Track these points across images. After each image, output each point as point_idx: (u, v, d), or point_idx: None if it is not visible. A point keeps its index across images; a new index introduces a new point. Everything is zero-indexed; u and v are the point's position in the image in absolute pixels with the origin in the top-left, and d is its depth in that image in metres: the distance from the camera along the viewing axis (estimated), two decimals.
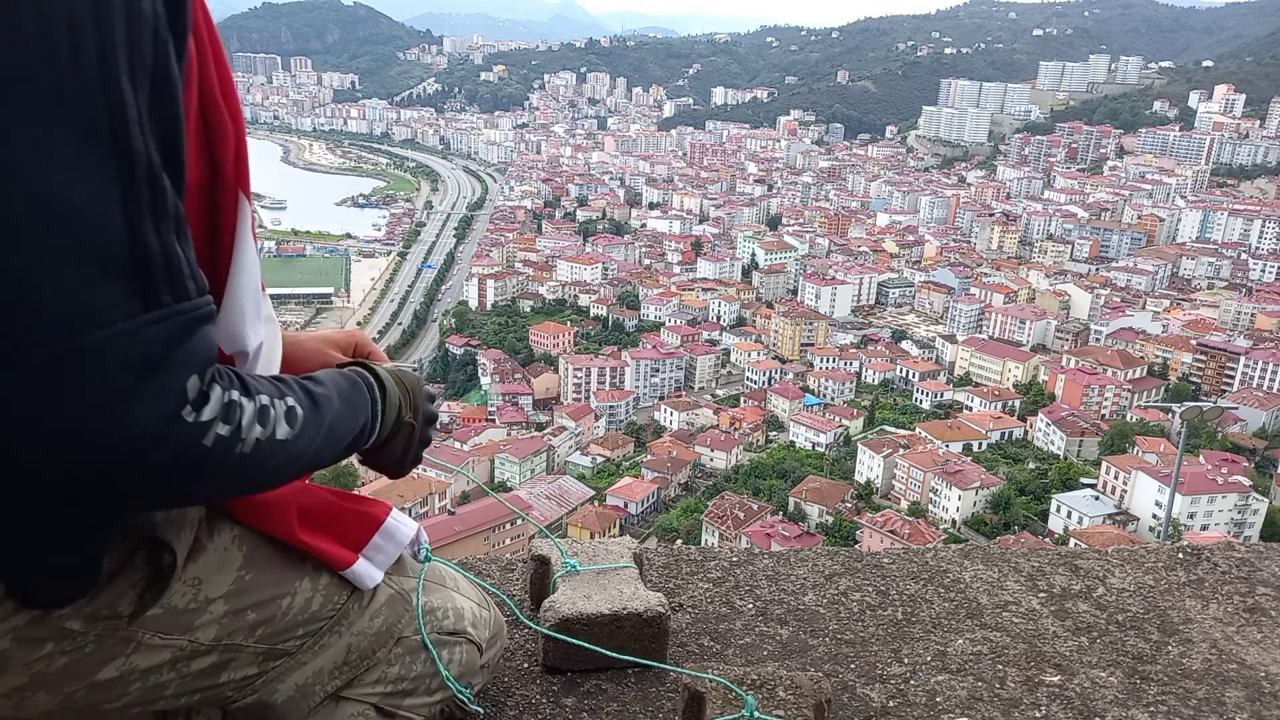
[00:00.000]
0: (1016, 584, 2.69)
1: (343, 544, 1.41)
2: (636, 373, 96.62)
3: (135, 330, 0.91)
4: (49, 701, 1.16)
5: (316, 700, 1.41)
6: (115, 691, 1.20)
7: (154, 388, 0.93)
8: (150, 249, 0.92)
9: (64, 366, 0.88)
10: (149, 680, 1.22)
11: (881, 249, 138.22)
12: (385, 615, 1.48)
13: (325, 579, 1.39)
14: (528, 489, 66.93)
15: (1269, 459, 73.53)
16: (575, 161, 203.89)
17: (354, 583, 1.41)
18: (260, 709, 1.37)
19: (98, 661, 1.17)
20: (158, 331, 0.93)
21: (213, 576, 1.25)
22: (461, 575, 1.74)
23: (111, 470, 0.93)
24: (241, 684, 1.32)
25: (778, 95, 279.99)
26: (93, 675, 1.17)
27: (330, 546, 1.39)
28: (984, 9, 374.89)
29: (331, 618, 1.39)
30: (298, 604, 1.34)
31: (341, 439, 1.22)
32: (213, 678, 1.28)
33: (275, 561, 1.34)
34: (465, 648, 1.61)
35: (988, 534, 57.80)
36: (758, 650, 2.29)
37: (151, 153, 0.92)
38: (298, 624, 1.35)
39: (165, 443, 0.95)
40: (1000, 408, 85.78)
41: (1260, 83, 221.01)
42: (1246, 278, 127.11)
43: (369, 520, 1.46)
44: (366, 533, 1.44)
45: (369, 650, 1.45)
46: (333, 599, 1.39)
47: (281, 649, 1.34)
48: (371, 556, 1.43)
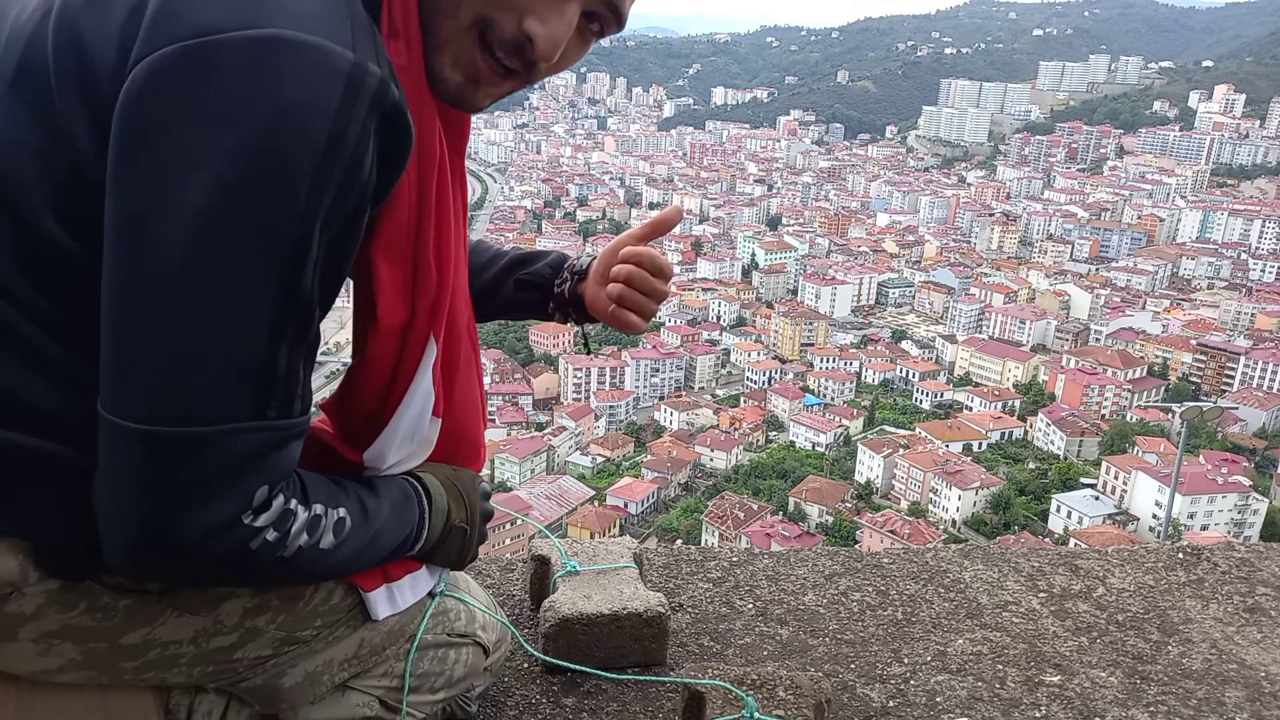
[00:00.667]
0: (1016, 584, 2.69)
1: (378, 569, 1.42)
2: (636, 373, 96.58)
3: (232, 435, 1.00)
4: (73, 651, 1.20)
5: (324, 688, 1.44)
6: (136, 654, 1.24)
7: (228, 489, 1.01)
8: (278, 369, 1.01)
9: (160, 449, 0.98)
10: (168, 650, 1.26)
11: (881, 249, 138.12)
12: (399, 614, 1.49)
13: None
14: (528, 489, 66.90)
15: (1269, 459, 73.52)
16: (575, 161, 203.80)
17: (368, 606, 1.42)
18: (268, 691, 1.39)
19: (125, 628, 1.21)
20: (252, 440, 1.02)
21: None
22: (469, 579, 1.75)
23: (154, 551, 1.02)
24: (254, 663, 1.35)
25: (778, 95, 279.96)
26: (119, 637, 1.21)
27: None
28: (984, 9, 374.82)
29: (349, 612, 1.42)
30: (320, 596, 1.37)
31: (384, 548, 1.30)
32: (228, 654, 1.31)
33: None
34: (472, 649, 1.62)
35: (988, 534, 57.82)
36: (758, 650, 2.29)
37: (314, 290, 1.02)
38: (317, 614, 1.37)
39: (218, 540, 1.02)
40: (1000, 408, 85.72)
41: (1260, 83, 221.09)
42: (1246, 278, 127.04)
43: (404, 563, 1.47)
44: (399, 571, 1.45)
45: (380, 646, 1.47)
46: (353, 595, 1.42)
47: (298, 636, 1.36)
48: (395, 592, 1.45)
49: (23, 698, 1.24)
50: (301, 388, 1.06)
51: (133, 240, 0.95)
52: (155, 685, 1.31)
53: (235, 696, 1.40)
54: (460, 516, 1.44)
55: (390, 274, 1.19)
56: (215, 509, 1.01)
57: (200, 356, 0.97)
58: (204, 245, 0.94)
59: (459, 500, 1.44)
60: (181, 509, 1.00)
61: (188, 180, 0.93)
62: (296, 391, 1.05)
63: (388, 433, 1.28)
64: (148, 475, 0.98)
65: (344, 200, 1.00)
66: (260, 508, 1.04)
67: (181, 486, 0.99)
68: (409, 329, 1.23)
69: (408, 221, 1.18)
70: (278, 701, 1.41)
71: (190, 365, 0.97)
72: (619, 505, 65.86)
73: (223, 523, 1.02)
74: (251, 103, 0.93)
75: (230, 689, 1.39)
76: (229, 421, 0.99)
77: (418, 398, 1.28)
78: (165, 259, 0.94)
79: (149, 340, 0.96)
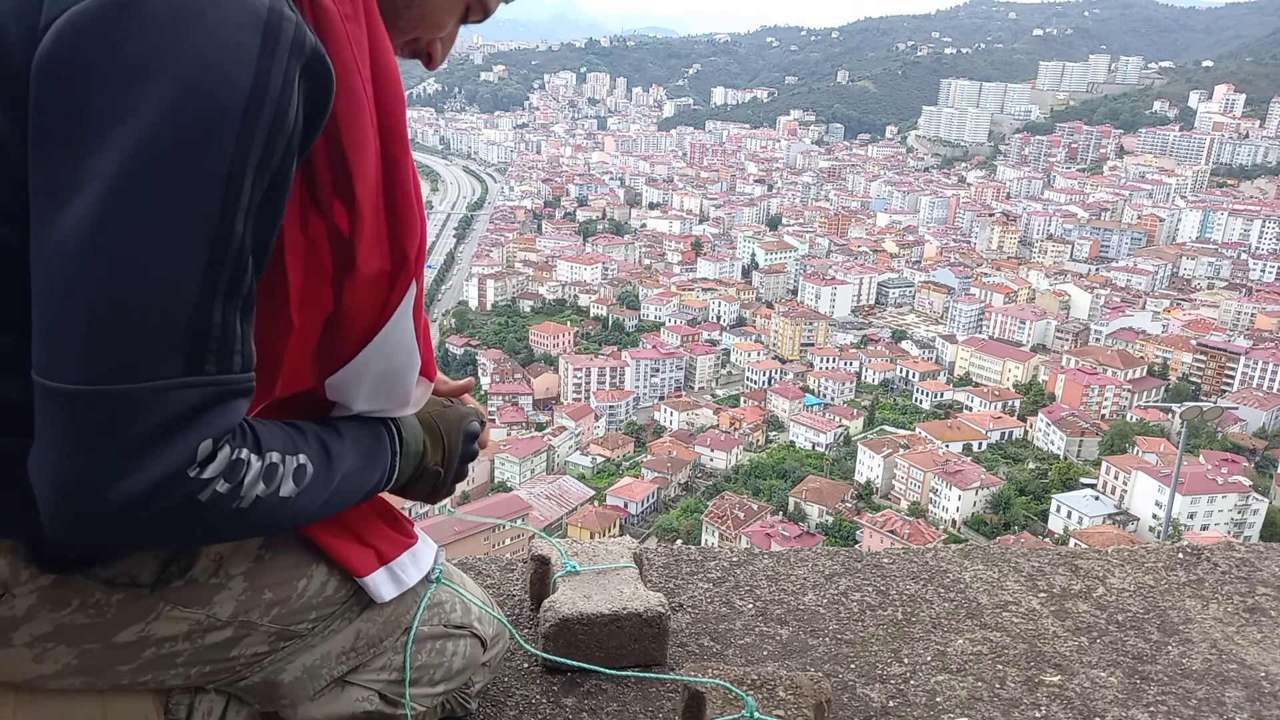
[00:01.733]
0: (1016, 584, 2.69)
1: (370, 552, 1.43)
2: (636, 373, 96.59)
3: (165, 390, 0.97)
4: (68, 655, 1.19)
5: (323, 683, 1.43)
6: (131, 654, 1.23)
7: (166, 446, 0.98)
8: (211, 323, 0.99)
9: (93, 407, 0.95)
10: (164, 648, 1.25)
11: (881, 249, 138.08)
12: (395, 605, 1.49)
13: (341, 565, 1.42)
14: (528, 489, 66.94)
15: (1269, 459, 73.53)
16: (575, 161, 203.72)
17: (369, 592, 1.43)
18: (267, 688, 1.38)
19: (119, 624, 1.20)
20: (188, 396, 0.99)
21: (233, 553, 1.29)
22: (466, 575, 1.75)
23: (95, 514, 0.98)
24: (251, 660, 1.34)
25: (778, 95, 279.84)
26: (113, 636, 1.21)
27: (355, 551, 1.41)
28: (984, 9, 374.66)
29: (344, 603, 1.42)
30: (313, 587, 1.37)
31: (351, 494, 1.28)
32: (224, 651, 1.30)
33: (294, 543, 1.37)
34: (469, 642, 1.62)
35: (988, 534, 57.82)
36: (758, 650, 2.30)
37: (247, 240, 1.00)
38: (311, 606, 1.37)
39: (164, 496, 0.99)
40: (1000, 408, 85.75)
41: (1260, 83, 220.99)
42: (1246, 278, 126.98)
43: (399, 540, 1.48)
44: (396, 549, 1.47)
45: (377, 638, 1.47)
46: (347, 585, 1.42)
47: (294, 630, 1.36)
48: (394, 573, 1.46)
49: (21, 703, 1.23)
50: (241, 342, 1.03)
51: (59, 202, 0.93)
52: (154, 688, 1.30)
53: (235, 696, 1.39)
54: (436, 459, 1.43)
55: (369, 220, 1.17)
56: (155, 466, 0.98)
57: (130, 313, 0.95)
58: (132, 199, 0.92)
59: (437, 441, 1.43)
60: (119, 468, 0.97)
61: (113, 137, 0.92)
62: (235, 346, 1.02)
63: (355, 365, 1.25)
64: (80, 436, 0.96)
65: (273, 147, 0.99)
66: (205, 460, 1.01)
67: (117, 445, 0.96)
68: (396, 273, 1.22)
69: (377, 168, 1.17)
70: (277, 698, 1.40)
71: (120, 322, 0.95)
72: (619, 505, 65.89)
73: (164, 479, 0.99)
74: (174, 54, 0.92)
75: (229, 689, 1.37)
76: (163, 378, 0.97)
77: (388, 340, 1.25)
78: (93, 216, 0.92)
79: (77, 298, 0.94)
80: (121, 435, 0.96)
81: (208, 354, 1.00)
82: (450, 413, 1.49)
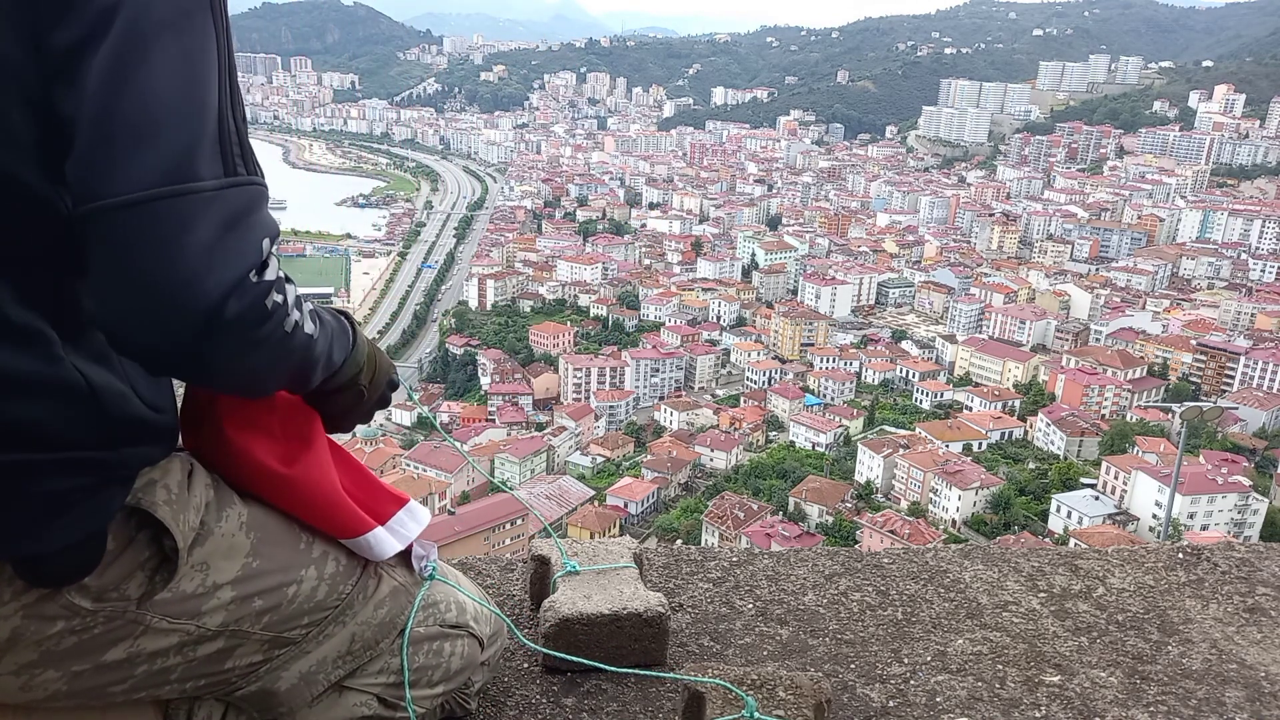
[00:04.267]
0: (1016, 584, 2.69)
1: (369, 512, 1.45)
2: (636, 373, 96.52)
3: (222, 189, 1.06)
4: (57, 680, 1.18)
5: (320, 689, 1.42)
6: (122, 673, 1.22)
7: (237, 239, 1.06)
8: (231, 129, 1.09)
9: (170, 212, 1.01)
10: (155, 664, 1.24)
11: (881, 249, 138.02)
12: (389, 606, 1.49)
13: (331, 569, 1.42)
14: (527, 489, 66.83)
15: (1269, 459, 73.43)
16: (575, 161, 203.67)
17: (370, 551, 1.43)
18: (264, 696, 1.38)
19: (106, 642, 1.19)
20: (239, 195, 1.08)
21: (220, 562, 1.28)
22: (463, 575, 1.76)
23: (186, 320, 1.03)
24: (246, 671, 1.34)
25: (778, 95, 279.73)
26: (101, 655, 1.19)
27: (351, 513, 1.43)
28: (984, 9, 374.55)
29: (336, 607, 1.41)
30: (304, 592, 1.36)
31: (334, 360, 1.35)
32: (218, 663, 1.30)
33: (282, 549, 1.36)
34: (466, 641, 1.62)
35: (988, 534, 57.73)
36: (758, 650, 2.29)
37: (234, 65, 1.14)
38: (303, 612, 1.37)
39: (240, 299, 1.06)
40: (1000, 408, 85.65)
41: (1260, 83, 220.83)
42: (1246, 278, 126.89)
43: (396, 496, 1.52)
44: (393, 506, 1.49)
45: (372, 641, 1.47)
46: (338, 589, 1.41)
47: (287, 637, 1.36)
48: (394, 529, 1.47)
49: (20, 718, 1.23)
50: (250, 150, 1.13)
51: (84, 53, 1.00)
52: (150, 703, 1.30)
53: (233, 703, 1.40)
54: (366, 379, 1.46)
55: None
56: (236, 259, 1.06)
57: (183, 123, 1.03)
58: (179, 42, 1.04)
59: (371, 368, 1.47)
60: (206, 263, 1.03)
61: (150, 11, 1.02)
62: (251, 153, 1.12)
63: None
64: (163, 240, 1.01)
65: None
66: (264, 265, 1.09)
67: (199, 241, 1.02)
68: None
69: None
70: (275, 706, 1.39)
71: (178, 132, 1.03)
72: (619, 505, 65.80)
73: (238, 279, 1.05)
74: None
75: (226, 699, 1.37)
76: (214, 178, 1.05)
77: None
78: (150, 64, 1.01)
79: (140, 116, 1.01)
80: (200, 232, 1.02)
81: (238, 158, 1.09)
82: (384, 356, 1.52)
